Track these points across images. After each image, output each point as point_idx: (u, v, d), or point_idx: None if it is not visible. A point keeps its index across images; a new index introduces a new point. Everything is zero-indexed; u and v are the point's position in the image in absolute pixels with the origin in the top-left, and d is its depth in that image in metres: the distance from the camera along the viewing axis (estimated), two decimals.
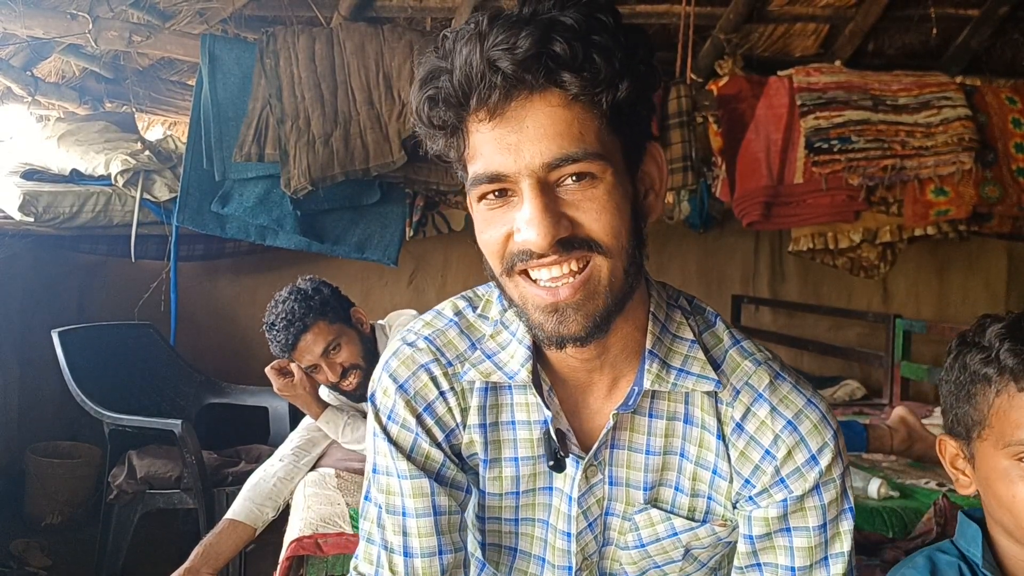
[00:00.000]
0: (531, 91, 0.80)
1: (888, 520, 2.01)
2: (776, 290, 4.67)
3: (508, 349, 0.96)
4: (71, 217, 3.15)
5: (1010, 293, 4.75)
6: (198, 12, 3.14)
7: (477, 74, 0.79)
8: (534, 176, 0.81)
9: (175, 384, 3.24)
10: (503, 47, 0.78)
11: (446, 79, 0.82)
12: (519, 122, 0.80)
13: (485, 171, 0.83)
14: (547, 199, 0.81)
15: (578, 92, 0.79)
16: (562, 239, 0.82)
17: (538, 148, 0.80)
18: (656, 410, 0.96)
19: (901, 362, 3.37)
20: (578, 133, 0.80)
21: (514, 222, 0.83)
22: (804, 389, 0.96)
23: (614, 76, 0.80)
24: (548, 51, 0.78)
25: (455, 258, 4.25)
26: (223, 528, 2.14)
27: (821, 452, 0.93)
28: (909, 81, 3.47)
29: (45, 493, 3.28)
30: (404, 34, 3.09)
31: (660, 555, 1.01)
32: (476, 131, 0.83)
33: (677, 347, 0.95)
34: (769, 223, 3.55)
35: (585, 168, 0.81)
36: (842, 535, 0.95)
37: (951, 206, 3.41)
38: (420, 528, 0.95)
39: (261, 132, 2.93)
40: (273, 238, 3.11)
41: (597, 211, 0.82)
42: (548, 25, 0.78)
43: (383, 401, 0.98)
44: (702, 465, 0.97)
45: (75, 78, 3.57)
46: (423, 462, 0.96)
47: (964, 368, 1.03)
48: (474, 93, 0.80)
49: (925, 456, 2.46)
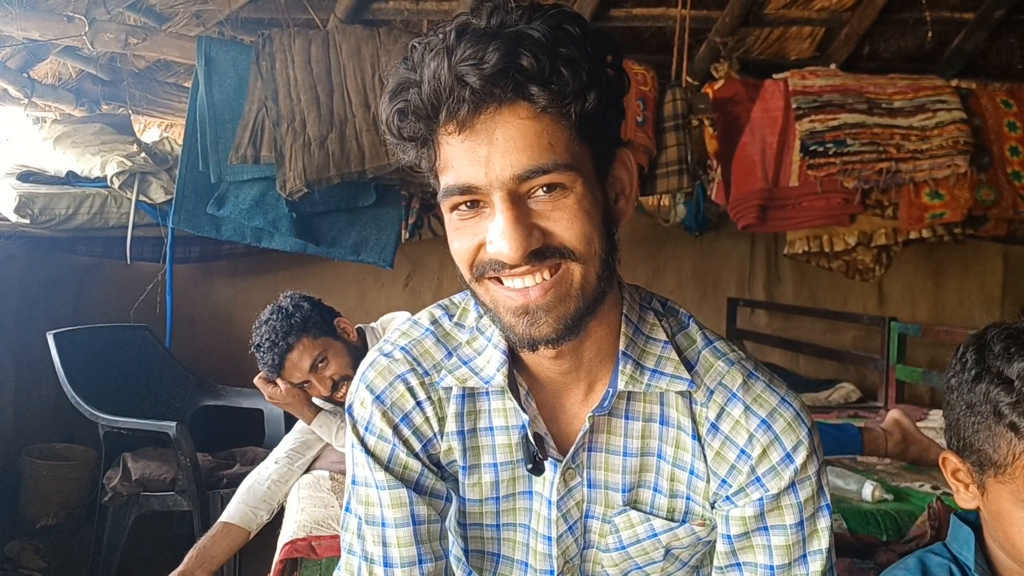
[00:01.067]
0: (500, 104, 0.80)
1: (882, 523, 2.01)
2: (772, 293, 4.67)
3: (484, 354, 0.96)
4: (67, 219, 3.14)
5: (1005, 296, 4.76)
6: (194, 14, 3.14)
7: (445, 88, 0.79)
8: (505, 188, 0.81)
9: (170, 386, 3.24)
10: (471, 62, 0.78)
11: (415, 92, 0.82)
12: (489, 134, 0.80)
13: (456, 183, 0.83)
14: (518, 211, 0.82)
15: (546, 104, 0.79)
16: (534, 250, 0.82)
17: (508, 160, 0.80)
18: (632, 412, 0.96)
19: (896, 365, 3.38)
20: (548, 144, 0.81)
21: (486, 233, 0.84)
22: (777, 387, 0.96)
23: (581, 87, 0.80)
24: (515, 65, 0.78)
25: (451, 260, 4.12)
26: (217, 531, 2.13)
27: (796, 450, 0.93)
28: (904, 84, 3.48)
29: (40, 495, 3.27)
30: (400, 37, 3.09)
31: (641, 556, 1.01)
32: (446, 143, 0.83)
33: (650, 348, 0.95)
34: (765, 226, 3.56)
35: (555, 179, 0.81)
36: (820, 532, 0.96)
37: (946, 209, 3.42)
38: (400, 538, 0.95)
39: (257, 134, 2.92)
40: (269, 240, 3.10)
41: (568, 220, 0.83)
42: (515, 39, 0.78)
43: (360, 412, 0.99)
44: (679, 466, 0.97)
45: (71, 80, 3.57)
46: (401, 472, 0.97)
47: (987, 399, 0.95)
48: (443, 107, 0.81)
49: (920, 459, 2.46)
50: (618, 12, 3.48)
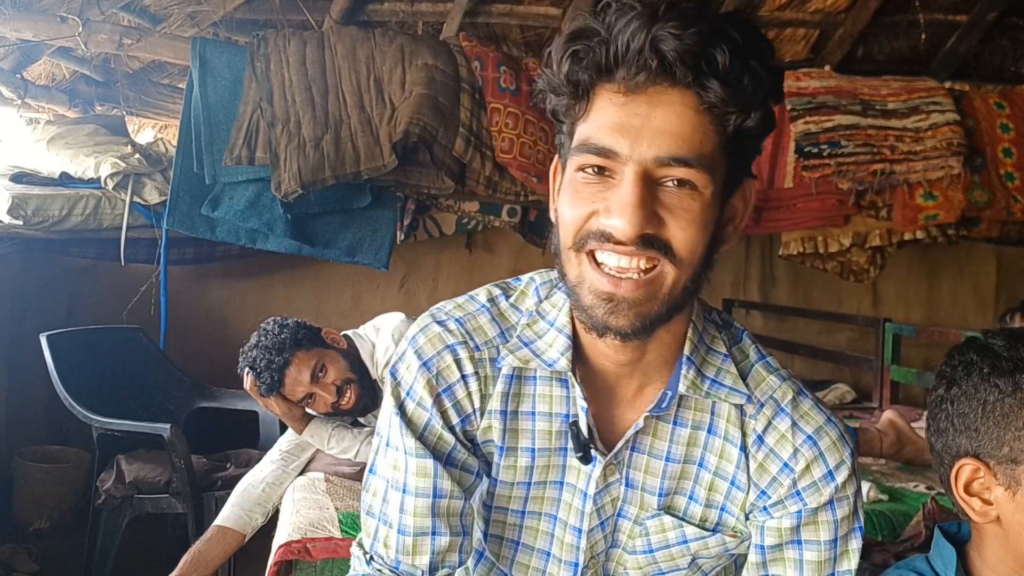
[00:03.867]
0: (673, 84, 0.80)
1: (877, 523, 2.01)
2: (767, 294, 4.68)
3: (546, 338, 0.95)
4: (60, 220, 3.13)
5: (999, 297, 4.78)
6: (189, 15, 3.13)
7: (637, 49, 0.79)
8: (642, 166, 0.81)
9: (164, 388, 3.23)
10: (673, 32, 0.77)
11: (599, 42, 0.81)
12: (650, 108, 0.80)
13: (597, 143, 0.82)
14: (646, 192, 0.81)
15: (714, 104, 0.79)
16: (645, 235, 0.81)
17: (656, 141, 0.80)
18: (682, 418, 0.96)
19: (891, 366, 3.39)
20: (698, 141, 0.80)
21: (604, 202, 0.83)
22: (824, 408, 0.98)
23: (752, 103, 0.80)
24: (709, 54, 0.78)
25: (446, 262, 4.24)
26: (212, 535, 2.13)
27: (838, 468, 0.94)
28: (898, 86, 3.49)
29: (33, 498, 3.25)
30: (395, 38, 3.09)
31: (667, 562, 1.01)
32: (604, 100, 0.82)
33: (711, 359, 0.96)
34: (759, 227, 3.57)
35: (691, 176, 0.81)
36: (850, 553, 0.97)
37: (940, 210, 3.43)
38: (417, 507, 0.95)
39: (251, 136, 2.92)
40: (263, 242, 3.10)
41: (688, 221, 0.82)
42: (717, 30, 0.78)
43: (404, 376, 0.97)
44: (720, 475, 0.97)
45: (65, 81, 3.56)
46: (434, 443, 0.96)
47: (1017, 387, 0.92)
48: (624, 66, 0.80)
49: (914, 459, 2.47)
50: None
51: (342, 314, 4.00)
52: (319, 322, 2.33)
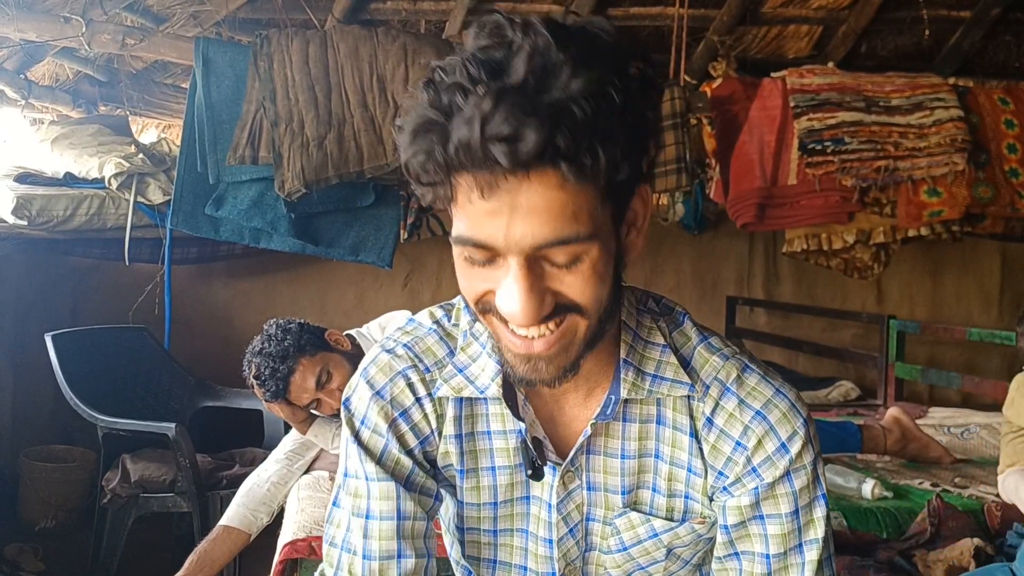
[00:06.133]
0: (527, 170, 0.76)
1: (882, 520, 2.01)
2: (770, 291, 4.68)
3: (479, 362, 0.96)
4: (65, 220, 3.14)
5: (1003, 294, 4.77)
6: (192, 15, 3.13)
7: (474, 156, 0.75)
8: (523, 255, 0.79)
9: (169, 388, 3.23)
10: (506, 141, 0.73)
11: (439, 145, 0.77)
12: (512, 198, 0.77)
13: (472, 238, 0.80)
14: (534, 277, 0.79)
15: (577, 175, 0.76)
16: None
17: (530, 229, 0.77)
18: (630, 415, 0.97)
19: (895, 363, 3.38)
20: (572, 215, 0.78)
21: (496, 282, 0.82)
22: (772, 379, 0.97)
23: (616, 162, 0.77)
24: (552, 146, 0.74)
25: (450, 260, 4.10)
26: (217, 535, 2.13)
27: (791, 440, 0.94)
28: (902, 82, 3.48)
29: (39, 497, 3.27)
30: (398, 37, 3.09)
31: (643, 556, 1.02)
32: (464, 194, 0.79)
33: (649, 353, 0.95)
34: (763, 224, 3.56)
35: (575, 251, 0.79)
36: (816, 521, 0.96)
37: (944, 207, 3.42)
38: (382, 531, 0.95)
39: (255, 135, 2.92)
40: (267, 241, 3.10)
41: (582, 284, 0.81)
42: (556, 116, 0.74)
43: (357, 406, 0.98)
44: (677, 464, 0.98)
45: (69, 81, 3.57)
46: (392, 467, 0.97)
47: None
48: (467, 170, 0.77)
49: (919, 456, 2.47)
50: (616, 11, 3.47)
51: (346, 313, 4.00)
52: (323, 321, 2.33)
